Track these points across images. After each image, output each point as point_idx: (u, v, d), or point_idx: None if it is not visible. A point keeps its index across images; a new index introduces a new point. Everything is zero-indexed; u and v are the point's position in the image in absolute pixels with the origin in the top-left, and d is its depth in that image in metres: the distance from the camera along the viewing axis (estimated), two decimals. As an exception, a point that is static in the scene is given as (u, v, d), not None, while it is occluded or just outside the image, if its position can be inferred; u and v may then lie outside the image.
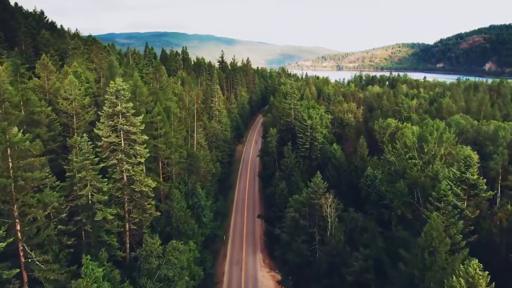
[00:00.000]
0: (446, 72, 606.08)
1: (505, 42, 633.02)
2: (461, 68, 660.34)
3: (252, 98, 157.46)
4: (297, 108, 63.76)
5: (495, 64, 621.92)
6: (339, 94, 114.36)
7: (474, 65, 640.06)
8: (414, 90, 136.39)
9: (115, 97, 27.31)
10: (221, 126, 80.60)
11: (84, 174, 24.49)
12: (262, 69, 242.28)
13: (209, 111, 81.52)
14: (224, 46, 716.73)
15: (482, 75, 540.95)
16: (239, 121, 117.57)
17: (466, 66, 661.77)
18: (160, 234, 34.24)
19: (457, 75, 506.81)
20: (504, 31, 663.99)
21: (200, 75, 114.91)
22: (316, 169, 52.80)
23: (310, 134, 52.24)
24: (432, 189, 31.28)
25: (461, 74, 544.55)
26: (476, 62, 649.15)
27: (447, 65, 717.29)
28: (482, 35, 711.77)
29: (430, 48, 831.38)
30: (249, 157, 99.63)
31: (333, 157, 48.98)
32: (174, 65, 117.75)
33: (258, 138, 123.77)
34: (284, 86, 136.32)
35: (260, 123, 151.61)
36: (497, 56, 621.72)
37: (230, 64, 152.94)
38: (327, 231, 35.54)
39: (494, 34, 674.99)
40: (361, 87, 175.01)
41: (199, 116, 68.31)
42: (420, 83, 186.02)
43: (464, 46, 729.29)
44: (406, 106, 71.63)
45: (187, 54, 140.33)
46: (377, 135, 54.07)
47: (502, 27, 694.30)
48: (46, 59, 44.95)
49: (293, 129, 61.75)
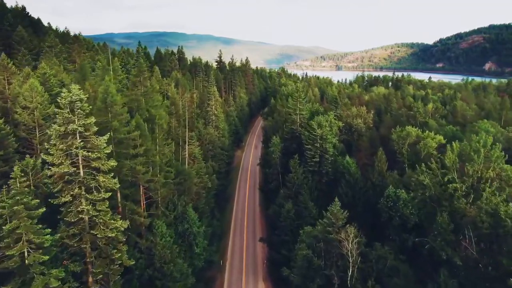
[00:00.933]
0: (446, 72, 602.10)
1: (505, 42, 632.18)
2: (460, 68, 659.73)
3: (252, 100, 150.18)
4: (304, 114, 56.31)
5: (495, 64, 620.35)
6: (344, 96, 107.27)
7: (474, 65, 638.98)
8: (421, 92, 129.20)
9: (68, 111, 19.83)
10: (218, 132, 73.27)
11: (16, 223, 17.06)
12: (261, 69, 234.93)
13: (205, 116, 74.13)
14: (223, 46, 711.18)
15: (482, 75, 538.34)
16: (238, 124, 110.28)
17: (466, 66, 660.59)
18: (139, 278, 26.89)
19: (457, 75, 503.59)
20: (504, 31, 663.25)
21: (197, 76, 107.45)
22: (327, 185, 45.37)
23: (320, 146, 44.85)
24: (491, 228, 24.17)
25: (461, 74, 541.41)
26: (476, 62, 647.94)
27: (447, 65, 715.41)
28: (482, 35, 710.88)
29: (429, 48, 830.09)
30: (249, 164, 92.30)
31: (347, 172, 41.83)
32: (169, 65, 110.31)
33: (258, 142, 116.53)
34: (285, 87, 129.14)
35: (260, 126, 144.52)
36: (497, 56, 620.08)
37: (229, 64, 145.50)
38: (348, 272, 28.45)
39: (494, 34, 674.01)
40: (365, 88, 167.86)
41: (193, 123, 60.95)
42: (426, 83, 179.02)
43: (464, 46, 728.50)
44: (422, 111, 64.46)
45: (183, 53, 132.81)
46: (395, 145, 46.84)
47: (501, 27, 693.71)
48: (5, 59, 37.46)
49: (298, 138, 54.37)
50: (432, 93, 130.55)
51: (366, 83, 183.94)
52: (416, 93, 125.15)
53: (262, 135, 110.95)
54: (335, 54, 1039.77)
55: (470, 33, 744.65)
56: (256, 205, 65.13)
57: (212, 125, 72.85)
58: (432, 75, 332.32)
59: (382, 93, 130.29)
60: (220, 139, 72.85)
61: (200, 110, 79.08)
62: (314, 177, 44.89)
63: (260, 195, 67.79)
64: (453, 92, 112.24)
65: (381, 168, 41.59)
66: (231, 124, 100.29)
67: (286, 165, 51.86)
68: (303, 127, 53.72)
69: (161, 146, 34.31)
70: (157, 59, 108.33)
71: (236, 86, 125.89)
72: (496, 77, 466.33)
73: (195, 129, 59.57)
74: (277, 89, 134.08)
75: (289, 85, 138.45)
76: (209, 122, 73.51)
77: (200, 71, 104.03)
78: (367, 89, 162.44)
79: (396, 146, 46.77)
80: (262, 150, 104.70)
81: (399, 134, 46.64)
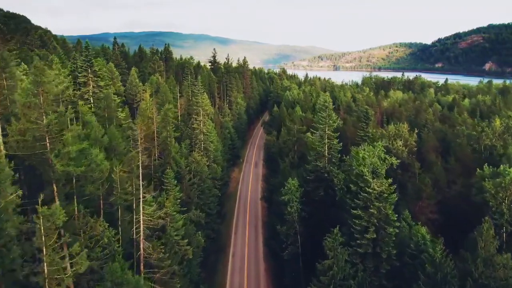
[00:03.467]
0: (446, 72, 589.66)
1: (505, 41, 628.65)
2: (460, 68, 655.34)
3: (250, 105, 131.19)
4: (335, 144, 36.80)
5: (495, 64, 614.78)
6: (363, 104, 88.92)
7: (474, 65, 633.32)
8: (447, 97, 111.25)
9: None
10: (208, 156, 54.51)
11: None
12: (259, 70, 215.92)
13: (191, 134, 55.33)
14: (219, 45, 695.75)
15: (483, 75, 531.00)
16: (235, 137, 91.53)
17: (465, 66, 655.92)
18: None
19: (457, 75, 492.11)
20: (503, 31, 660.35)
21: (185, 79, 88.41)
22: (388, 278, 26.35)
23: (378, 213, 26.34)
24: None
25: (461, 74, 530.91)
26: (476, 62, 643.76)
27: (446, 65, 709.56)
28: (481, 35, 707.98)
29: (428, 48, 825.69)
30: (248, 193, 73.47)
31: (428, 260, 23.30)
32: (151, 67, 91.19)
33: (258, 157, 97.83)
34: (289, 92, 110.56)
35: (260, 135, 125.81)
36: (497, 56, 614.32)
37: (224, 64, 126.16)
38: None
39: (493, 34, 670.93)
40: (375, 91, 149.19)
41: (169, 152, 42.12)
42: (443, 86, 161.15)
43: (463, 46, 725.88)
44: (489, 131, 46.12)
45: (170, 53, 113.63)
46: (490, 199, 28.36)
47: (501, 27, 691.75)
48: None
49: (327, 180, 35.28)
50: (459, 97, 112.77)
51: (372, 85, 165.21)
52: (441, 99, 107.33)
53: (263, 153, 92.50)
54: (332, 54, 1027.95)
55: (469, 32, 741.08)
56: (261, 270, 45.53)
57: (199, 148, 54.00)
58: (432, 75, 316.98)
59: (398, 97, 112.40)
60: (210, 166, 54.12)
61: (186, 125, 60.28)
62: (367, 265, 25.70)
63: (266, 252, 48.47)
64: (495, 98, 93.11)
65: (487, 249, 23.30)
66: (226, 139, 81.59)
67: (309, 223, 33.37)
68: (334, 163, 34.97)
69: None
70: (137, 59, 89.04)
71: (232, 91, 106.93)
72: (497, 77, 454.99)
73: (171, 161, 40.84)
74: (279, 94, 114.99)
75: (293, 89, 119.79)
76: (196, 143, 54.71)
77: (188, 73, 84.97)
78: (377, 92, 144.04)
79: (490, 200, 28.49)
80: (264, 170, 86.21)
81: (499, 182, 27.84)
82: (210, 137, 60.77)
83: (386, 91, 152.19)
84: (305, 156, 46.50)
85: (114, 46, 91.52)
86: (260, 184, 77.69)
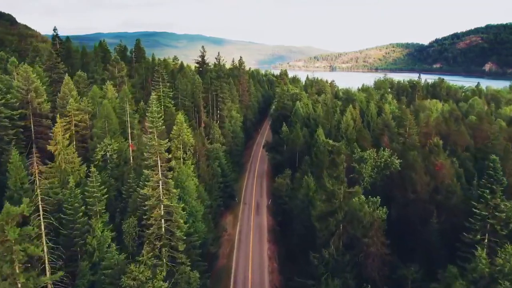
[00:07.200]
0: (445, 72, 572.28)
1: (504, 42, 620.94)
2: (459, 69, 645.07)
3: (248, 117, 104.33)
4: None
5: (495, 64, 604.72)
6: (406, 119, 63.12)
7: (473, 66, 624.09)
8: (505, 109, 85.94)
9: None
10: (181, 231, 27.78)
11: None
12: (256, 71, 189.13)
13: (140, 206, 28.50)
14: (213, 46, 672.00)
15: (483, 75, 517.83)
16: (228, 169, 64.90)
17: (464, 67, 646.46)
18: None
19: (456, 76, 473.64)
20: (502, 31, 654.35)
21: (154, 89, 60.96)
22: None
23: None
24: None
25: (460, 75, 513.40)
26: (475, 62, 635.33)
27: (445, 65, 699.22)
28: (480, 35, 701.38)
29: (425, 48, 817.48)
30: (248, 268, 46.61)
31: None
32: (106, 74, 63.51)
33: (259, 194, 71.22)
34: (301, 104, 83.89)
35: (260, 156, 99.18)
36: (497, 56, 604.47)
37: (215, 67, 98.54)
38: None
39: (492, 34, 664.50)
40: (397, 98, 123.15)
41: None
42: (474, 91, 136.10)
43: (461, 46, 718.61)
44: None
45: (143, 51, 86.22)
46: None
47: (499, 27, 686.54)
48: None
49: None
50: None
51: (395, 91, 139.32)
52: (501, 112, 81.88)
53: (267, 186, 66.17)
54: (328, 54, 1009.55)
55: (467, 33, 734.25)
56: None
57: (154, 239, 27.06)
58: (431, 76, 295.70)
59: (444, 110, 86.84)
60: (190, 242, 27.29)
61: (135, 186, 33.42)
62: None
63: None
64: None
65: None
66: (216, 174, 55.07)
67: None
68: None
69: None
70: (83, 59, 61.36)
71: (224, 102, 79.67)
72: (498, 78, 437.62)
73: None
74: (286, 105, 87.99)
75: (304, 97, 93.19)
76: (146, 227, 27.73)
77: (159, 80, 57.78)
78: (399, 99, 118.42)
79: None
80: (269, 220, 59.90)
81: None
82: (187, 188, 34.23)
83: (410, 99, 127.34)
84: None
85: (55, 40, 63.33)
86: (266, 248, 51.34)
